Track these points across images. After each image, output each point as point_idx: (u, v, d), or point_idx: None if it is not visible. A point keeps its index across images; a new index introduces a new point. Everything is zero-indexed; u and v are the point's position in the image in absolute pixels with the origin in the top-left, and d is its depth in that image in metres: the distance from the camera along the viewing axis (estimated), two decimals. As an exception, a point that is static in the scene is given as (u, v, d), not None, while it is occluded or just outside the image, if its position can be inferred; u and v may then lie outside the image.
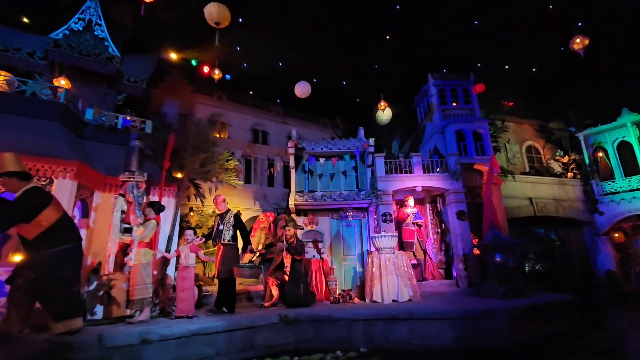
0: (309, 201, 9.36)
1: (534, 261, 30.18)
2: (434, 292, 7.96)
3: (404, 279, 7.26)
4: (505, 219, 10.22)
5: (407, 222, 9.58)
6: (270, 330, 5.77)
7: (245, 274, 6.04)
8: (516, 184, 13.38)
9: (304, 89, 9.90)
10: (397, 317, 5.80)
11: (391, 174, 9.46)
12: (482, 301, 6.89)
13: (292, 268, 7.10)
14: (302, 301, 6.97)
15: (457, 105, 11.50)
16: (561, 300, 6.91)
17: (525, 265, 30.07)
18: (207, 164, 7.75)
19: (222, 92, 13.98)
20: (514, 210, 12.99)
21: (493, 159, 9.02)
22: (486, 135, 10.57)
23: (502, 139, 14.54)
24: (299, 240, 7.28)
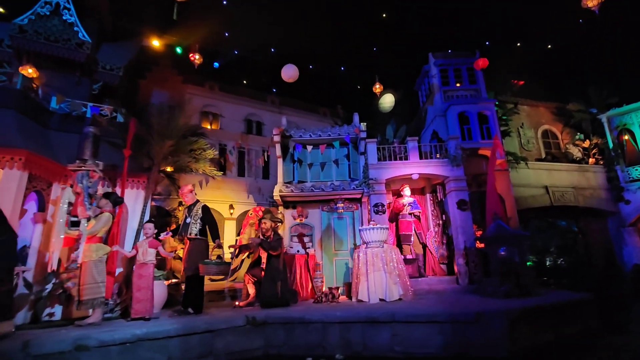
0: (296, 192, 8.69)
1: (556, 255, 28.65)
2: (430, 290, 7.17)
3: (392, 275, 6.51)
4: (514, 210, 9.28)
5: (404, 213, 8.77)
6: (234, 334, 5.16)
7: (211, 271, 5.45)
8: (530, 172, 12.28)
9: (290, 72, 9.16)
10: (377, 320, 5.07)
11: (384, 161, 8.65)
12: (481, 301, 6.06)
13: (268, 264, 6.47)
14: (279, 301, 6.34)
15: (461, 86, 10.51)
16: (574, 299, 6.00)
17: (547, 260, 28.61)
18: (180, 154, 7.18)
19: (214, 82, 13.46)
20: (527, 200, 11.93)
21: (495, 141, 8.07)
22: (492, 117, 9.58)
23: (513, 122, 13.40)
24: (277, 234, 6.63)
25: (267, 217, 6.65)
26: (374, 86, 10.13)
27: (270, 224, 6.62)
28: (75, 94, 8.06)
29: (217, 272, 5.58)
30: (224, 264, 5.58)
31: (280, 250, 6.46)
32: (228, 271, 5.54)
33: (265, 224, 6.58)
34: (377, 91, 10.15)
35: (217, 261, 5.51)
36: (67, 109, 7.20)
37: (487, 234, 6.97)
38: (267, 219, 6.61)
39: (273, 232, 6.67)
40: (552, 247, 27.18)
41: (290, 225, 9.27)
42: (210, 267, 5.41)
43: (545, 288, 7.96)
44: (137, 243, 5.54)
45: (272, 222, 6.66)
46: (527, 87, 14.19)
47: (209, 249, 6.21)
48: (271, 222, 6.64)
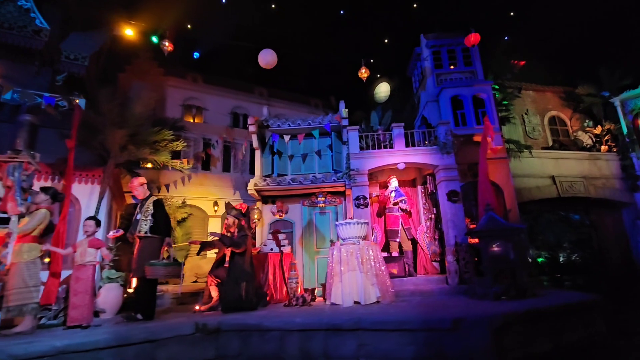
0: (272, 185, 8.05)
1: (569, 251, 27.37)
2: (415, 291, 6.44)
3: (369, 275, 5.80)
4: (514, 201, 8.45)
5: (390, 207, 8.03)
6: (181, 343, 4.54)
7: (159, 272, 4.87)
8: (534, 161, 11.36)
9: (267, 57, 8.52)
10: (341, 328, 4.39)
11: (367, 150, 7.92)
12: (468, 304, 5.32)
13: (231, 263, 5.86)
14: (244, 304, 5.73)
15: (455, 68, 9.67)
16: (578, 301, 5.19)
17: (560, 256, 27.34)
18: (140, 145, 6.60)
19: (198, 73, 12.89)
20: (531, 192, 11.03)
21: (486, 122, 7.24)
22: (489, 101, 8.73)
23: (517, 108, 12.45)
24: (242, 231, 6.01)
25: (232, 212, 6.03)
26: (360, 70, 9.37)
27: (234, 219, 6.00)
28: (36, 85, 7.59)
29: (166, 275, 5.00)
30: (174, 265, 4.96)
31: (244, 247, 5.83)
32: (179, 273, 4.93)
33: (228, 220, 5.97)
34: (364, 76, 9.40)
35: (165, 262, 4.91)
36: (18, 99, 6.69)
37: (477, 228, 6.20)
38: (232, 215, 5.99)
39: (239, 228, 6.06)
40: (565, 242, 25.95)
41: (270, 222, 8.66)
42: (158, 269, 4.83)
43: (547, 288, 7.15)
44: (77, 242, 4.97)
45: (236, 218, 6.04)
46: (533, 70, 13.19)
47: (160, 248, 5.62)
48: (234, 218, 6.01)
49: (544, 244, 26.30)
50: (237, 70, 13.68)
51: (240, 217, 6.13)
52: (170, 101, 12.05)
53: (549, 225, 24.76)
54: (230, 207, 6.14)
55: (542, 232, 25.22)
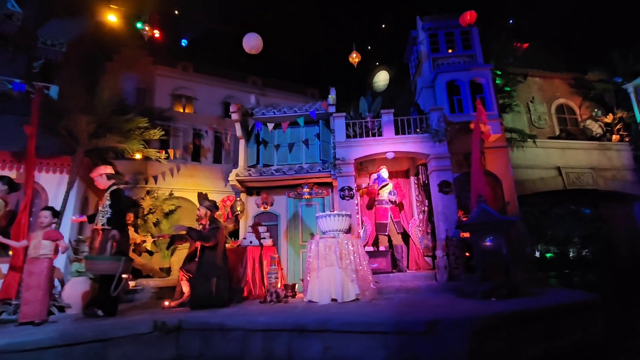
0: (254, 176, 7.67)
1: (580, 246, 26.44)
2: (401, 288, 6.01)
3: (348, 271, 5.40)
4: (514, 193, 7.93)
5: (379, 199, 7.58)
6: (137, 343, 4.23)
7: (97, 267, 4.56)
8: (539, 151, 10.73)
9: (252, 42, 8.08)
10: (306, 329, 4.01)
11: (354, 138, 7.46)
12: (453, 303, 4.88)
13: (201, 258, 5.53)
14: (214, 300, 5.40)
15: (453, 52, 9.07)
16: (574, 301, 4.71)
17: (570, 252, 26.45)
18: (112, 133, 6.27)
19: (189, 62, 12.52)
20: (535, 183, 10.43)
21: (479, 106, 6.69)
22: (488, 86, 8.15)
23: (522, 95, 11.79)
24: (214, 223, 5.66)
25: (204, 203, 5.68)
26: (351, 55, 8.86)
27: (205, 211, 5.65)
28: (12, 71, 7.33)
29: (104, 270, 4.65)
30: (113, 260, 4.61)
31: (214, 241, 5.48)
32: (118, 268, 4.58)
33: (200, 211, 5.63)
34: (355, 61, 8.89)
35: (104, 256, 4.58)
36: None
37: (468, 220, 5.72)
38: (204, 206, 5.64)
39: (211, 220, 5.71)
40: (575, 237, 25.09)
41: (254, 214, 8.30)
42: (96, 263, 4.52)
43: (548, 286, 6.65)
44: (32, 234, 4.68)
45: (208, 210, 5.68)
46: (539, 55, 12.45)
47: (128, 240, 5.31)
48: (206, 210, 5.66)
49: (553, 239, 25.51)
50: (230, 59, 13.27)
51: (213, 209, 5.77)
52: (159, 91, 11.73)
53: (558, 220, 23.95)
54: (203, 198, 5.80)
55: (550, 227, 24.44)
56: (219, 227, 5.57)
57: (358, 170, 8.56)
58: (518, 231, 7.73)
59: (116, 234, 4.75)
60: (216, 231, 5.49)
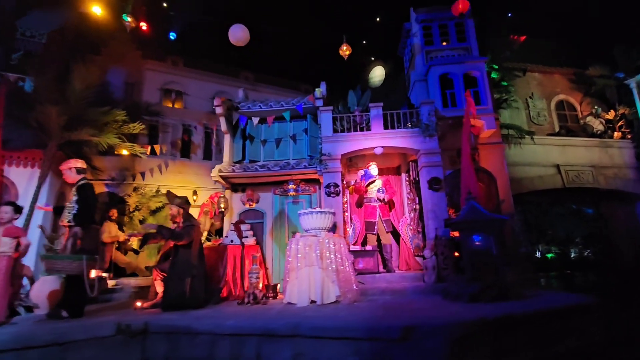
0: (238, 172, 7.40)
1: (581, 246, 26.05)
2: (386, 290, 5.73)
3: (329, 271, 5.12)
4: (509, 191, 7.62)
5: (368, 196, 7.28)
6: (98, 347, 3.98)
7: (55, 267, 4.30)
8: (537, 148, 10.40)
9: (238, 34, 7.78)
10: (276, 334, 3.74)
11: (341, 133, 7.18)
12: (438, 306, 4.59)
13: (174, 257, 5.27)
14: (188, 301, 5.14)
15: (447, 45, 8.76)
16: (564, 306, 4.41)
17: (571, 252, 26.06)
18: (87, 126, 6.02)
19: (179, 56, 12.26)
20: (533, 182, 10.11)
21: (468, 97, 6.38)
22: (482, 79, 7.83)
23: (520, 91, 11.47)
24: (188, 221, 5.38)
25: (176, 202, 5.40)
26: (341, 48, 8.56)
27: (177, 209, 5.38)
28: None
29: (62, 269, 4.40)
30: (71, 259, 4.34)
31: (188, 239, 5.22)
32: (78, 267, 4.32)
33: (172, 210, 5.35)
34: (345, 54, 8.59)
35: (62, 255, 4.32)
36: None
37: (456, 218, 5.42)
38: (176, 204, 5.37)
39: (185, 218, 5.44)
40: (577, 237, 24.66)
41: (240, 211, 8.04)
42: (55, 263, 4.26)
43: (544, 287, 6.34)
44: (-8, 230, 4.43)
45: (180, 207, 5.41)
46: (539, 50, 12.10)
47: (95, 237, 5.05)
48: (178, 207, 5.39)
49: (554, 239, 25.12)
50: (222, 54, 12.99)
51: (185, 205, 5.50)
52: (147, 85, 11.47)
53: (560, 220, 23.56)
54: (173, 196, 5.53)
55: (552, 227, 24.06)
56: (193, 225, 5.30)
57: (347, 166, 8.28)
58: (513, 230, 7.43)
59: (78, 232, 4.50)
60: (190, 229, 5.22)
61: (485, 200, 7.69)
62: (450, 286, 5.08)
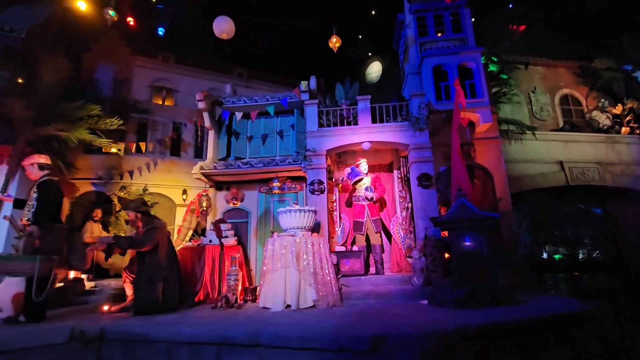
0: (219, 169, 7.10)
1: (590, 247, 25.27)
2: (370, 293, 5.36)
3: (305, 274, 4.78)
4: (506, 189, 7.20)
5: (357, 195, 6.91)
6: (48, 354, 3.70)
7: (7, 268, 4.04)
8: (539, 144, 9.91)
9: (222, 26, 7.49)
10: (236, 343, 3.42)
11: (327, 128, 6.82)
12: (419, 312, 4.22)
13: (142, 263, 4.97)
14: (160, 305, 4.85)
15: (442, 35, 8.34)
16: (560, 313, 4.00)
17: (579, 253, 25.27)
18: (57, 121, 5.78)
19: (170, 53, 12.03)
20: (535, 179, 9.63)
21: (456, 86, 5.97)
22: (478, 70, 7.41)
23: (522, 85, 11.00)
24: (150, 224, 5.06)
25: (132, 205, 5.09)
26: (330, 40, 8.20)
27: (134, 214, 5.06)
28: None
29: (16, 271, 4.12)
30: (26, 260, 4.07)
31: (151, 244, 4.89)
32: (32, 269, 4.04)
33: (129, 216, 5.04)
34: (335, 46, 8.22)
35: (14, 256, 4.05)
36: None
37: (444, 217, 5.04)
38: (132, 207, 5.05)
39: (145, 221, 5.12)
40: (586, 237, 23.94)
41: (224, 210, 7.74)
42: (5, 264, 3.97)
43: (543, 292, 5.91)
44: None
45: (137, 211, 5.09)
46: (542, 43, 11.61)
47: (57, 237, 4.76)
48: (135, 212, 5.07)
49: (562, 240, 24.42)
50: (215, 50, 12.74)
51: (143, 207, 5.19)
52: (137, 82, 11.25)
53: (567, 220, 22.90)
54: (125, 202, 5.24)
55: (559, 227, 23.39)
56: (155, 227, 4.98)
57: (337, 163, 7.94)
58: (511, 230, 7.01)
59: (35, 231, 4.22)
60: (152, 232, 4.91)
61: (481, 198, 7.29)
62: (436, 290, 4.70)
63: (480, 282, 4.52)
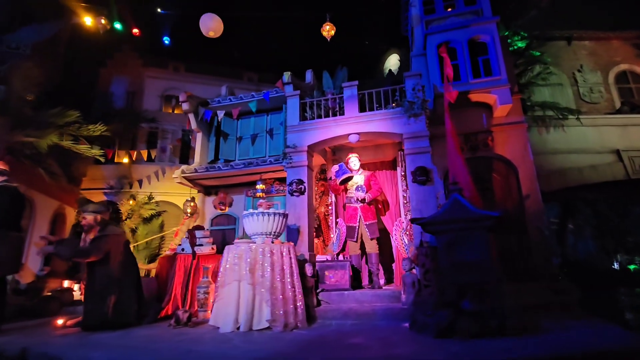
0: (200, 172, 6.64)
1: (675, 258, 21.45)
2: (350, 313, 4.44)
3: (259, 288, 4.02)
4: (535, 184, 5.91)
5: (349, 195, 6.01)
6: (-40, 376, 3.36)
7: None
8: (588, 131, 8.23)
9: (208, 24, 7.17)
10: (133, 375, 2.76)
11: (309, 121, 6.05)
12: (391, 343, 3.25)
13: (92, 274, 4.56)
14: (112, 321, 4.39)
15: (452, 10, 7.21)
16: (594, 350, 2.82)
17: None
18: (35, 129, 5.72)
19: (180, 62, 12.12)
20: (582, 173, 7.96)
21: (443, 54, 4.83)
22: (494, 44, 6.18)
23: (563, 64, 9.32)
24: (104, 230, 4.64)
25: (89, 208, 4.68)
26: (323, 28, 7.47)
27: (93, 217, 4.65)
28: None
29: None
30: None
31: (98, 254, 4.45)
32: None
33: (86, 219, 4.63)
34: (329, 35, 7.48)
35: None
36: None
37: (431, 217, 3.99)
38: (90, 211, 4.65)
39: (102, 227, 4.70)
40: (669, 244, 20.21)
41: (212, 216, 7.28)
42: None
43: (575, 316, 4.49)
44: None
45: (97, 213, 4.68)
46: (588, 12, 9.81)
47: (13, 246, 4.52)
48: (94, 214, 4.66)
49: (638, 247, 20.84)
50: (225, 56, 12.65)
51: (103, 210, 4.77)
52: (148, 92, 11.42)
53: (637, 226, 19.50)
54: (84, 203, 4.86)
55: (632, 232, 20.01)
56: (106, 235, 4.54)
57: (332, 160, 7.11)
58: (542, 234, 5.64)
59: None
60: (99, 242, 4.46)
61: (502, 196, 6.03)
62: (417, 311, 3.67)
63: (477, 303, 3.42)
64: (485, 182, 6.10)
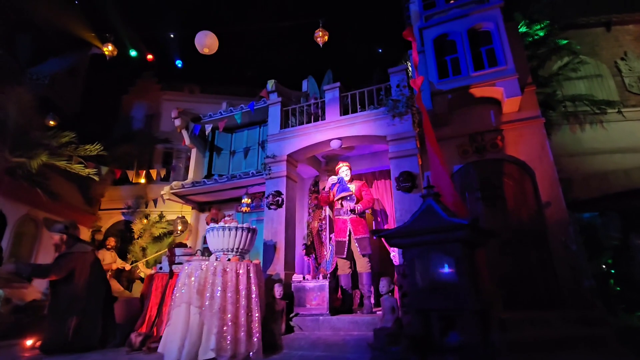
0: (187, 187, 6.47)
1: None
2: (318, 343, 3.81)
3: (206, 313, 3.58)
4: (558, 190, 4.98)
5: (337, 207, 5.44)
6: None
7: None
8: (634, 126, 6.95)
9: (203, 41, 7.20)
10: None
11: (290, 128, 5.63)
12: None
13: (53, 291, 4.45)
14: (72, 343, 4.22)
15: (454, 2, 6.55)
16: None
17: None
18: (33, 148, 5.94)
19: (195, 84, 12.47)
20: (629, 175, 6.68)
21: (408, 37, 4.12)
22: (498, 31, 5.41)
23: (602, 53, 8.12)
24: (71, 247, 4.53)
25: (54, 228, 4.63)
26: (316, 34, 7.14)
27: (59, 236, 4.57)
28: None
29: None
30: None
31: (59, 273, 4.32)
32: None
33: (54, 239, 4.58)
34: (324, 39, 7.14)
35: None
36: None
37: (393, 228, 3.32)
38: (54, 230, 4.60)
39: (68, 245, 4.60)
40: None
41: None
42: None
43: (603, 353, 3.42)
44: None
45: (63, 233, 4.59)
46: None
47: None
48: (60, 234, 4.58)
49: None
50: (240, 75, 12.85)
51: (72, 229, 4.68)
52: (165, 114, 11.80)
53: None
54: (52, 222, 4.80)
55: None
56: (70, 253, 4.42)
57: (326, 171, 6.60)
58: (567, 250, 4.60)
59: None
60: (62, 260, 4.34)
61: (516, 204, 5.10)
62: (375, 342, 2.99)
63: (446, 336, 2.68)
64: (495, 188, 5.23)
